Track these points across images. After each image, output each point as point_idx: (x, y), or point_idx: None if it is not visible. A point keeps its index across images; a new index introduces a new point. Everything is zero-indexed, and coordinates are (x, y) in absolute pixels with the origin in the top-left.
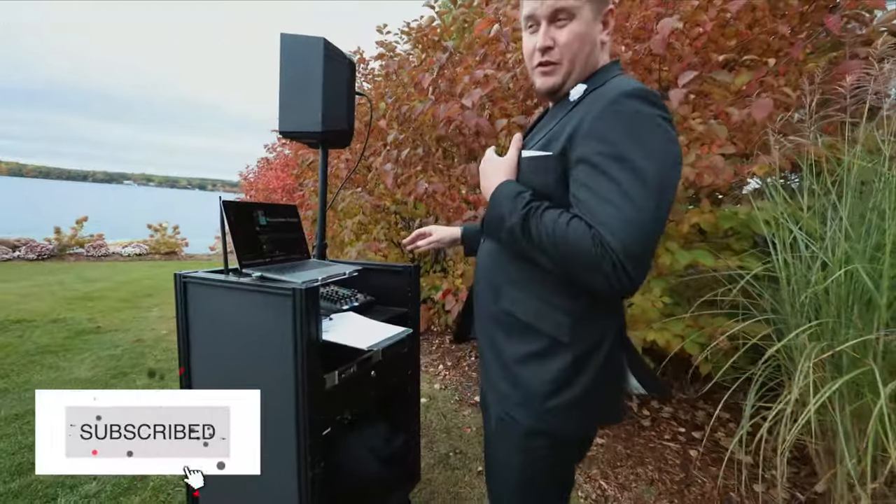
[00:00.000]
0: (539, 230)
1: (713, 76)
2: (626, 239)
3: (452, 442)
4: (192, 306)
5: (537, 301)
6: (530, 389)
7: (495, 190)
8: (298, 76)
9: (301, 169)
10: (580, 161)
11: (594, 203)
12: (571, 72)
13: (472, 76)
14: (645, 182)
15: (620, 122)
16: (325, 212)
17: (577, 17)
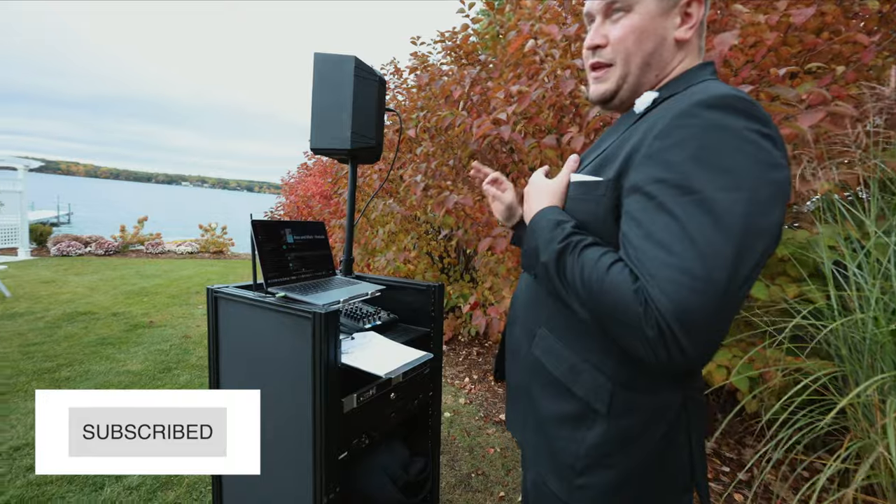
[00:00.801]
0: (574, 271)
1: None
2: (681, 299)
3: (475, 462)
4: (221, 319)
5: (573, 354)
6: (562, 459)
7: (534, 217)
8: (330, 94)
9: (337, 177)
10: (634, 190)
11: (645, 246)
12: (627, 75)
13: (505, 91)
14: (718, 221)
15: (691, 140)
16: (353, 227)
17: (634, 10)
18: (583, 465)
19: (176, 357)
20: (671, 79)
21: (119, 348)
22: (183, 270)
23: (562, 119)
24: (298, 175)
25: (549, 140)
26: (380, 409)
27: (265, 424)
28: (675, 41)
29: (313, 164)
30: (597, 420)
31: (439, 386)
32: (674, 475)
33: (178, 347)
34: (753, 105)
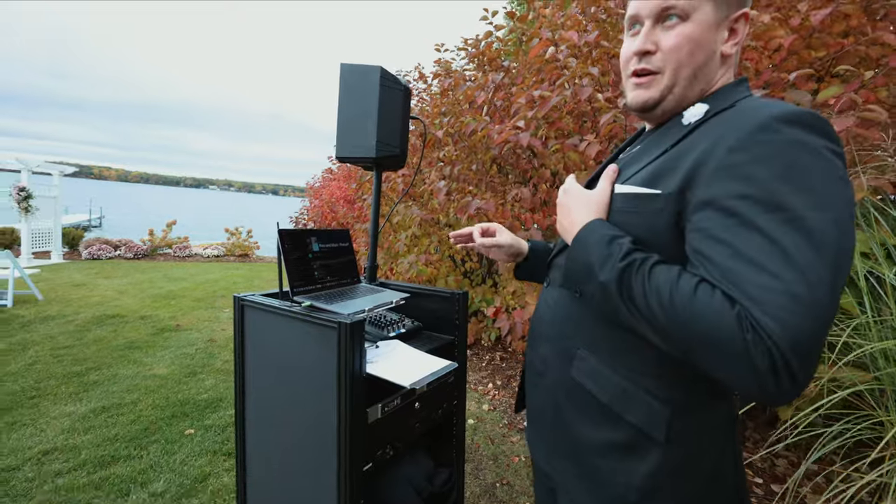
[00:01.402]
0: (647, 293)
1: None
2: (793, 325)
3: (499, 471)
4: (247, 327)
5: (623, 380)
6: (611, 490)
7: (581, 231)
8: (355, 103)
9: (360, 182)
10: (708, 205)
11: (737, 266)
12: (674, 86)
13: (527, 97)
14: (813, 241)
15: (775, 156)
16: (377, 233)
17: (691, 18)
18: (636, 497)
19: (201, 361)
20: (712, 92)
21: (146, 352)
22: (209, 274)
23: (583, 124)
24: (323, 180)
25: (572, 142)
26: (404, 420)
27: (290, 433)
28: (721, 55)
29: (338, 169)
30: (651, 449)
31: (464, 395)
32: (725, 495)
33: (204, 351)
34: (827, 122)
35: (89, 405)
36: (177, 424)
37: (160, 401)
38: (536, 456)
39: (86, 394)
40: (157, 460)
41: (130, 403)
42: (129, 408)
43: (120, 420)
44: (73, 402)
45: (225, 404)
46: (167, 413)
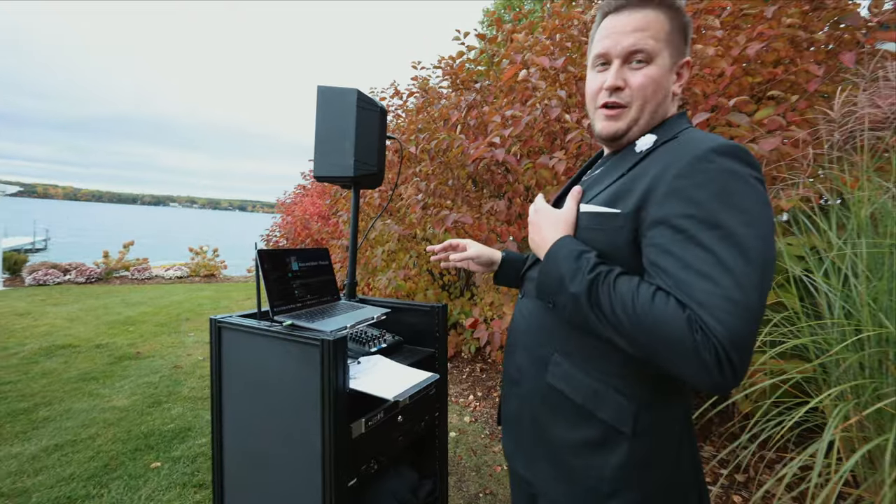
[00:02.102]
0: (613, 302)
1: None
2: (730, 323)
3: (482, 482)
4: (225, 350)
5: (592, 380)
6: (585, 484)
7: (552, 247)
8: (333, 124)
9: (335, 199)
10: (660, 223)
11: (685, 276)
12: (638, 119)
13: (501, 115)
14: (745, 253)
15: (712, 182)
16: (356, 250)
17: (654, 62)
18: (609, 488)
19: (166, 389)
20: (659, 124)
21: (103, 383)
22: (172, 296)
23: (553, 142)
24: (295, 196)
25: (544, 160)
26: (387, 433)
27: (271, 454)
28: (671, 94)
29: (311, 185)
30: (620, 442)
31: (445, 406)
32: (686, 482)
33: (169, 379)
34: (750, 154)
35: (39, 444)
36: (141, 458)
37: (121, 434)
38: (516, 465)
39: (35, 432)
40: (120, 498)
41: (87, 439)
42: (85, 444)
43: (76, 458)
44: (21, 443)
45: (194, 433)
46: (129, 447)
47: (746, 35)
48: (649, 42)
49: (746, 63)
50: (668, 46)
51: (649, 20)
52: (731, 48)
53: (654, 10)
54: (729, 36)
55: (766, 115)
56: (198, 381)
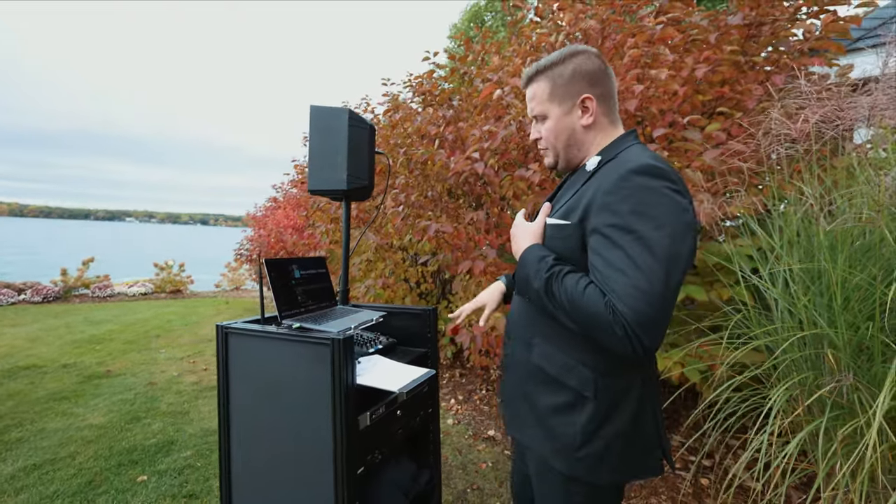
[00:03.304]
0: (560, 293)
1: (684, 134)
2: (635, 306)
3: (469, 478)
4: (232, 355)
5: (563, 356)
6: (562, 439)
7: (523, 253)
8: (325, 141)
9: (311, 211)
10: (594, 231)
11: (607, 272)
12: (558, 154)
13: (479, 131)
14: (652, 251)
15: (628, 197)
16: (348, 259)
17: (548, 118)
18: (579, 441)
19: (144, 406)
20: (605, 146)
21: (75, 402)
22: (137, 314)
23: (527, 154)
24: (267, 209)
25: (521, 173)
26: (388, 426)
27: (281, 449)
28: (582, 127)
29: (283, 198)
30: (586, 404)
31: (437, 402)
32: (645, 437)
33: (144, 395)
34: (665, 169)
35: (16, 464)
36: (126, 473)
37: (102, 451)
38: (514, 432)
39: (9, 453)
40: None
41: (67, 457)
42: (65, 462)
43: (58, 476)
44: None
45: (178, 447)
46: (112, 462)
47: (694, 59)
48: (537, 108)
49: (697, 83)
50: (553, 102)
51: (533, 91)
52: (682, 69)
53: (536, 82)
54: (680, 59)
55: (715, 129)
56: (175, 397)
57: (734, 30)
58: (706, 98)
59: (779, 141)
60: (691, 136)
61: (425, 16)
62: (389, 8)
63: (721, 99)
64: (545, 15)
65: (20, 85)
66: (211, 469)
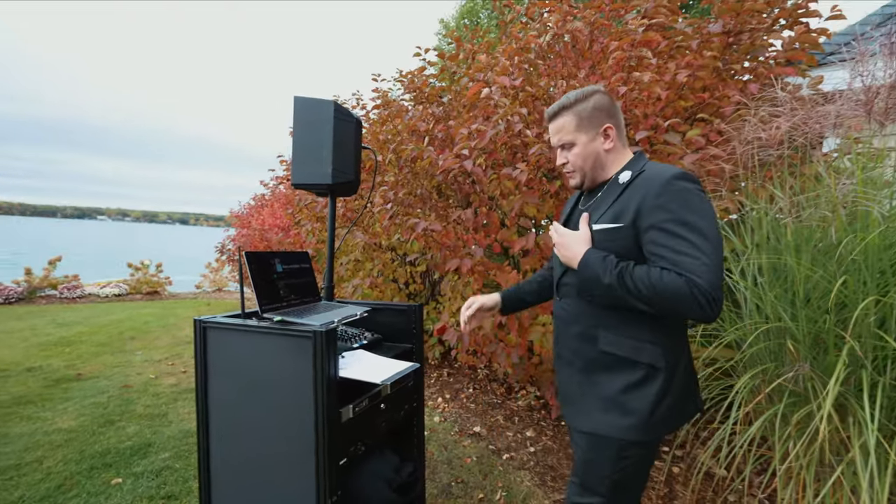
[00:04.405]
0: (635, 282)
1: (665, 137)
2: (709, 279)
3: (454, 472)
4: (211, 350)
5: (630, 339)
6: (636, 413)
7: (584, 257)
8: (310, 134)
9: (297, 208)
10: (651, 228)
11: (676, 257)
12: (585, 175)
13: (468, 128)
14: (706, 236)
15: (676, 197)
16: (333, 256)
17: (575, 146)
18: (651, 409)
19: (118, 409)
20: (626, 163)
21: (42, 406)
22: (111, 315)
23: (515, 154)
24: (251, 207)
25: (508, 171)
26: (372, 419)
27: (262, 442)
28: (605, 151)
29: (271, 195)
30: (657, 376)
31: (422, 397)
32: (688, 390)
33: (119, 398)
34: (694, 176)
35: None
36: (99, 476)
37: (73, 455)
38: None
39: None
40: None
41: (33, 462)
42: (31, 467)
43: (23, 481)
44: None
45: (155, 449)
46: (84, 466)
47: (677, 64)
48: (566, 137)
49: (680, 89)
50: (580, 131)
51: (559, 125)
52: (665, 74)
53: (561, 117)
54: (664, 64)
55: (695, 134)
56: (152, 399)
57: (715, 37)
58: (687, 104)
59: (753, 147)
60: (672, 140)
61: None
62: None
63: (701, 104)
64: (535, 17)
65: None
66: (190, 470)
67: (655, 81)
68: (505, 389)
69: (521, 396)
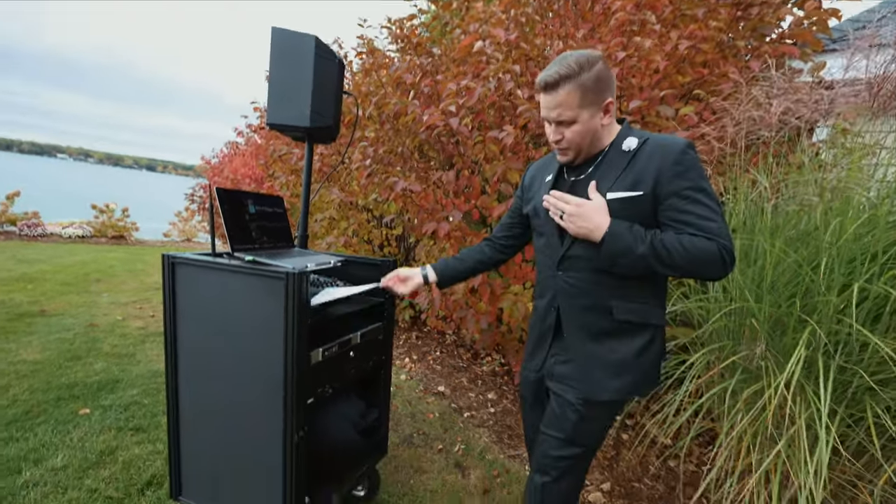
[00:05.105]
0: (668, 250)
1: (658, 108)
2: (730, 240)
3: (416, 425)
4: (179, 288)
5: (640, 305)
6: (648, 374)
7: (611, 228)
8: (289, 71)
9: (272, 159)
10: (672, 195)
11: (701, 222)
12: (580, 152)
13: (456, 83)
14: (717, 202)
15: (692, 166)
16: (308, 205)
17: (576, 122)
18: (653, 365)
19: (84, 346)
20: (619, 132)
21: (6, 338)
22: (75, 256)
23: (503, 117)
24: (224, 156)
25: (494, 134)
26: (340, 365)
27: (231, 381)
28: (601, 125)
29: (245, 144)
30: (658, 334)
31: (390, 351)
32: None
33: (85, 336)
34: None
35: None
36: (66, 406)
37: (39, 385)
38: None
39: None
40: (50, 439)
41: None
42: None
43: None
44: None
45: (123, 385)
46: (51, 396)
47: (679, 34)
48: (567, 114)
49: (680, 61)
50: (583, 107)
51: (561, 98)
52: (666, 44)
53: (563, 89)
54: (666, 32)
55: (688, 112)
56: (119, 340)
57: (723, 8)
58: (685, 79)
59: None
60: (665, 112)
61: None
62: None
63: (699, 80)
64: None
65: None
66: (159, 406)
67: (656, 49)
68: (471, 355)
69: (486, 362)
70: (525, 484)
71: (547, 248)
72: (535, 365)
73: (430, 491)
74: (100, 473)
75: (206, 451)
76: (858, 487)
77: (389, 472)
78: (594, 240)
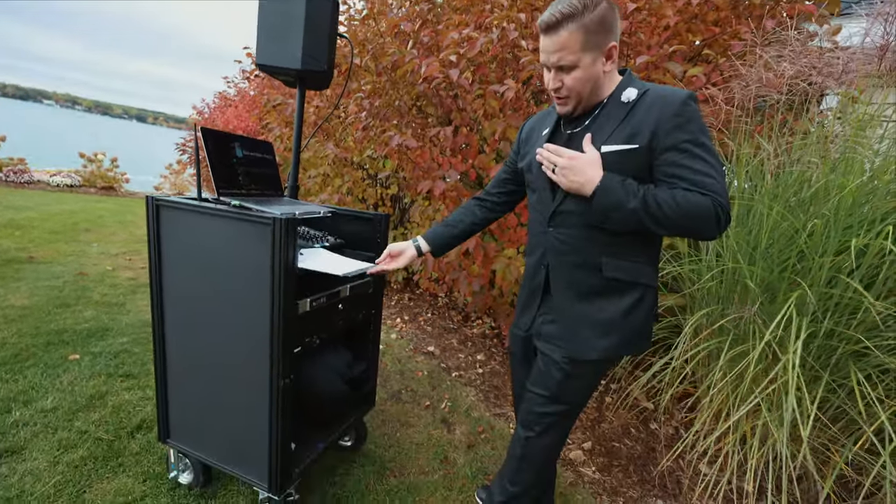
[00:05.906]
0: (660, 205)
1: (666, 65)
2: (725, 197)
3: (405, 382)
4: (164, 232)
5: (630, 263)
6: (639, 331)
7: (602, 182)
8: (280, 8)
9: (265, 110)
10: (671, 149)
11: (697, 177)
12: (580, 102)
13: (459, 33)
14: (716, 157)
15: (692, 119)
16: (299, 153)
17: (578, 67)
18: (644, 323)
19: (74, 294)
20: (620, 81)
21: None
22: (63, 205)
23: (505, 72)
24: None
25: (495, 88)
26: (329, 316)
27: (217, 327)
28: (603, 72)
29: (235, 95)
30: (648, 293)
31: (380, 305)
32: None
33: (74, 284)
34: None
35: None
36: (56, 351)
37: (28, 329)
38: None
39: None
40: (39, 382)
41: None
42: None
43: None
44: None
45: (113, 333)
46: (40, 341)
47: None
48: (568, 57)
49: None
50: (586, 51)
51: (563, 40)
52: None
53: (564, 30)
54: None
55: (696, 73)
56: (109, 289)
57: None
58: (696, 38)
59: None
60: (672, 68)
61: None
62: None
63: (710, 39)
64: None
65: None
66: (148, 355)
67: (668, 3)
68: (462, 317)
69: (476, 325)
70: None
71: (539, 203)
72: (524, 323)
73: (415, 444)
74: (90, 416)
75: (193, 396)
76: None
77: (377, 425)
78: (585, 194)
